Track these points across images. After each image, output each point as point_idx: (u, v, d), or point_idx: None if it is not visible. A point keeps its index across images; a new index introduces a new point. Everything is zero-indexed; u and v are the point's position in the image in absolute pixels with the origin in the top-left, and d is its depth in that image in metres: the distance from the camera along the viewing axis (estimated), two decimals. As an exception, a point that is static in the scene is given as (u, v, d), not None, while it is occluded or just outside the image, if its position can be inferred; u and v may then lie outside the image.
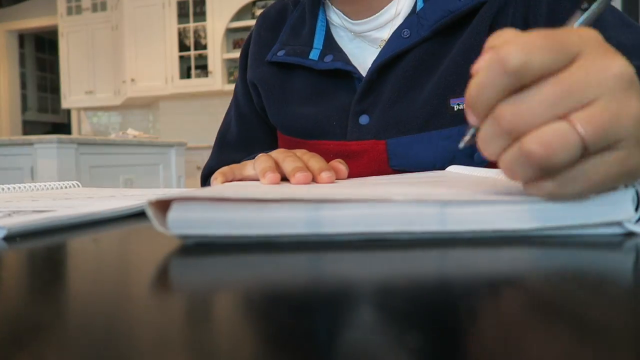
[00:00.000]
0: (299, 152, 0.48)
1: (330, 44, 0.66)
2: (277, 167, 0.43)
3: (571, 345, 0.12)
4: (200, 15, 4.57)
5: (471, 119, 0.25)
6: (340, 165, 0.46)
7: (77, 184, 0.61)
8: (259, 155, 0.47)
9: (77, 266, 0.23)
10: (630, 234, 0.24)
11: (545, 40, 0.22)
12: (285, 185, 0.39)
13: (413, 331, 0.13)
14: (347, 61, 0.63)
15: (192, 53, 4.63)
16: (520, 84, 0.22)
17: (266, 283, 0.18)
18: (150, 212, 0.24)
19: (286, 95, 0.68)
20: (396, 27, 0.62)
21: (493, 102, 0.23)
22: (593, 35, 0.23)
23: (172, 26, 4.65)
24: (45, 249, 0.26)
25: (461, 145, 0.28)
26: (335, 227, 0.24)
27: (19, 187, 0.54)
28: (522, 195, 0.24)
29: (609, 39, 0.52)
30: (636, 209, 0.24)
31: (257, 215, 0.24)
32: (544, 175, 0.23)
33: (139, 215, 0.38)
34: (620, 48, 0.54)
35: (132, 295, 0.17)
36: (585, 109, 0.21)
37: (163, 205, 0.25)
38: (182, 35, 4.65)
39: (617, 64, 0.22)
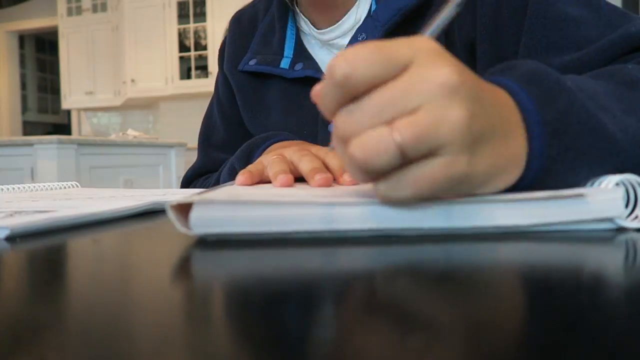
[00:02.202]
0: (314, 148, 0.47)
1: (301, 52, 0.66)
2: (293, 167, 0.41)
3: (572, 335, 0.12)
4: (201, 15, 4.57)
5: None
6: None
7: (75, 185, 0.62)
8: (272, 155, 0.44)
9: (80, 266, 0.23)
10: (622, 229, 0.26)
11: (372, 53, 0.23)
12: (296, 187, 0.39)
13: (424, 322, 0.13)
14: (317, 69, 0.63)
15: (192, 54, 4.63)
16: (351, 94, 0.23)
17: (282, 277, 0.19)
18: (171, 214, 0.26)
19: (259, 105, 0.69)
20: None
21: (332, 111, 0.24)
22: (425, 45, 0.24)
23: (172, 27, 4.65)
24: (48, 250, 0.26)
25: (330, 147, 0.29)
26: (347, 223, 0.25)
27: (18, 188, 0.54)
28: (521, 194, 0.26)
29: (558, 11, 0.50)
30: (626, 205, 0.26)
31: (274, 213, 0.25)
32: (376, 178, 0.24)
33: (139, 215, 0.38)
34: (567, 20, 0.51)
35: (133, 295, 0.17)
36: (407, 116, 0.22)
37: (182, 208, 0.26)
38: (182, 36, 4.65)
39: (442, 73, 0.23)
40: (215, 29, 4.52)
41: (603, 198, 0.25)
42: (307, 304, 0.16)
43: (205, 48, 4.59)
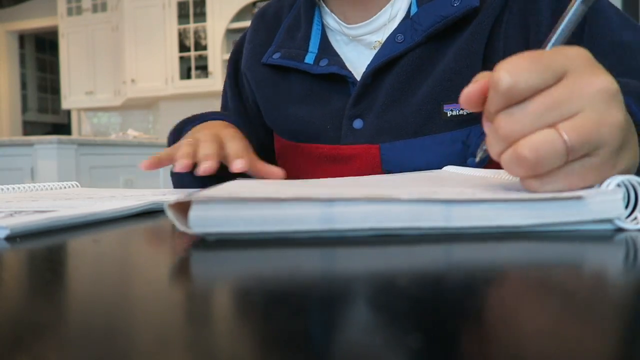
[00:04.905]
0: (224, 132, 0.54)
1: (326, 48, 0.66)
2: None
3: (568, 333, 0.12)
4: (201, 15, 4.57)
5: (487, 127, 0.29)
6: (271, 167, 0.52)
7: (75, 185, 0.61)
8: (187, 137, 0.53)
9: (80, 266, 0.23)
10: (620, 229, 0.26)
11: (531, 63, 0.25)
12: (296, 185, 0.39)
13: (425, 318, 0.13)
14: (342, 65, 0.63)
15: (192, 54, 4.63)
16: (514, 100, 0.25)
17: (281, 277, 0.19)
18: (170, 213, 0.25)
19: (281, 97, 0.69)
20: (390, 30, 0.62)
21: (493, 114, 0.27)
22: (579, 54, 0.26)
23: (172, 27, 4.65)
24: (48, 250, 0.26)
25: (477, 159, 0.32)
26: (346, 223, 0.25)
27: (18, 188, 0.54)
28: (520, 194, 0.26)
29: (615, 37, 0.53)
30: (626, 206, 0.26)
31: (273, 212, 0.25)
32: (533, 175, 0.26)
33: (139, 215, 0.38)
34: (622, 46, 0.54)
35: (133, 295, 0.17)
36: (571, 119, 0.25)
37: (181, 207, 0.26)
38: (182, 36, 4.65)
39: (600, 80, 0.25)
40: (215, 29, 4.51)
41: (603, 199, 0.25)
42: (307, 304, 0.16)
43: (205, 48, 4.58)
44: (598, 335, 0.13)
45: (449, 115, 0.58)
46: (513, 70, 0.25)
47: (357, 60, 0.65)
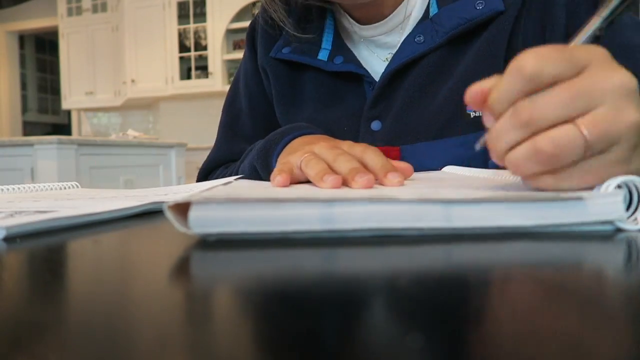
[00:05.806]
0: (345, 145, 0.42)
1: (340, 45, 0.64)
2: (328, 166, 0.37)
3: (576, 332, 0.12)
4: (201, 16, 4.58)
5: (489, 121, 0.28)
6: (403, 164, 0.39)
7: (76, 185, 0.61)
8: (301, 154, 0.40)
9: (80, 266, 0.23)
10: (620, 229, 0.26)
11: (557, 53, 0.26)
12: (296, 187, 0.39)
13: (424, 319, 0.13)
14: (358, 64, 0.61)
15: (193, 54, 4.63)
16: (534, 88, 0.25)
17: (281, 277, 0.19)
18: (169, 214, 0.25)
19: (296, 98, 0.67)
20: (405, 30, 0.61)
21: (511, 102, 0.26)
22: (599, 51, 0.27)
23: (172, 27, 4.65)
24: (47, 250, 0.26)
25: (478, 147, 0.31)
26: (347, 223, 0.25)
27: (18, 188, 0.54)
28: (521, 194, 0.26)
29: (625, 39, 0.52)
30: (627, 208, 0.26)
31: (273, 213, 0.25)
32: (547, 171, 0.26)
33: (139, 215, 0.38)
34: (633, 48, 0.54)
35: (133, 296, 0.17)
36: (590, 113, 0.25)
37: (180, 208, 0.26)
38: (182, 36, 4.66)
39: (619, 76, 0.25)
40: (215, 29, 4.52)
41: (603, 201, 0.25)
42: (307, 304, 0.16)
43: (205, 48, 4.59)
44: (598, 335, 0.13)
45: (472, 116, 0.57)
46: (538, 57, 0.25)
47: (370, 61, 0.64)
